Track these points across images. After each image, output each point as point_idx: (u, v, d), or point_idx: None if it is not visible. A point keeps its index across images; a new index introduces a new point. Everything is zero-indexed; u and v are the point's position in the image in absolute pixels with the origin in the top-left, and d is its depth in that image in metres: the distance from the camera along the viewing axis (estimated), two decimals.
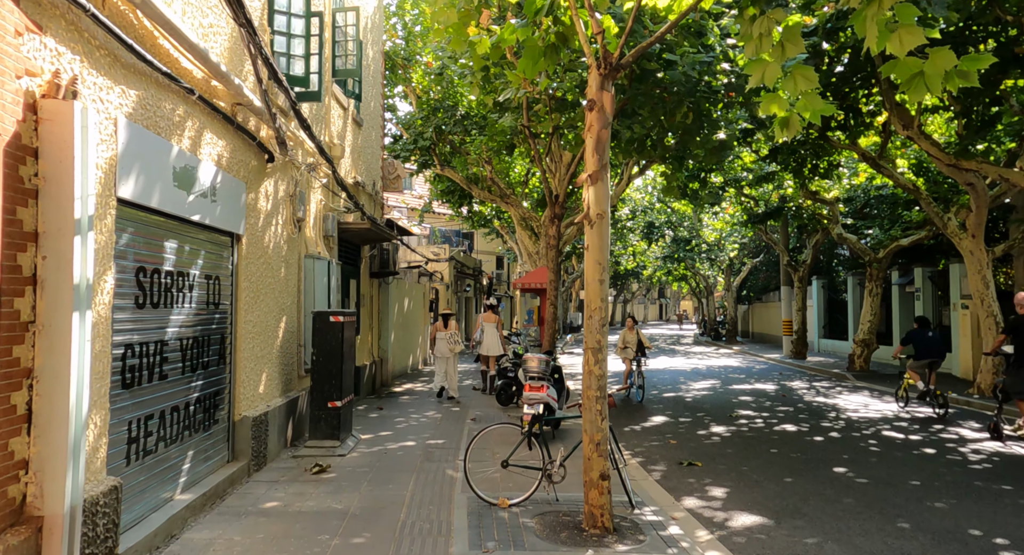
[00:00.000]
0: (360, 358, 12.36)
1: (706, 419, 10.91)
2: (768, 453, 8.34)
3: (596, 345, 5.20)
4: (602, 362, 5.22)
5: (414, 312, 18.02)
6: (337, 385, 7.82)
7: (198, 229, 5.64)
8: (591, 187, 5.22)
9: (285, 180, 8.09)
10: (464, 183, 18.13)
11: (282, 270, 7.95)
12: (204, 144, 5.64)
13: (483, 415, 10.62)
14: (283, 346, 8.01)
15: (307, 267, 8.82)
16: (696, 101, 9.18)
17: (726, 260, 33.50)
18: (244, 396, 6.63)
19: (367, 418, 10.22)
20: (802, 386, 15.62)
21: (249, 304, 6.81)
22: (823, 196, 19.23)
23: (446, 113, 16.84)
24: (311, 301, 8.82)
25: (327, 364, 7.82)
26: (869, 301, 18.47)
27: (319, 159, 8.95)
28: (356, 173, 11.92)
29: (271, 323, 7.54)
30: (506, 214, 25.12)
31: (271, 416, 7.21)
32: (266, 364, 7.35)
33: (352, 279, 11.98)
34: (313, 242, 9.30)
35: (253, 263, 6.93)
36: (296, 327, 8.57)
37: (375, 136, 13.72)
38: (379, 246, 13.38)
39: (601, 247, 5.22)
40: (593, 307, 5.21)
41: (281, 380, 7.90)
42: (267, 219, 7.39)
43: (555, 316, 10.09)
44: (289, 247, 8.23)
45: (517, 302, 45.39)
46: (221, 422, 6.23)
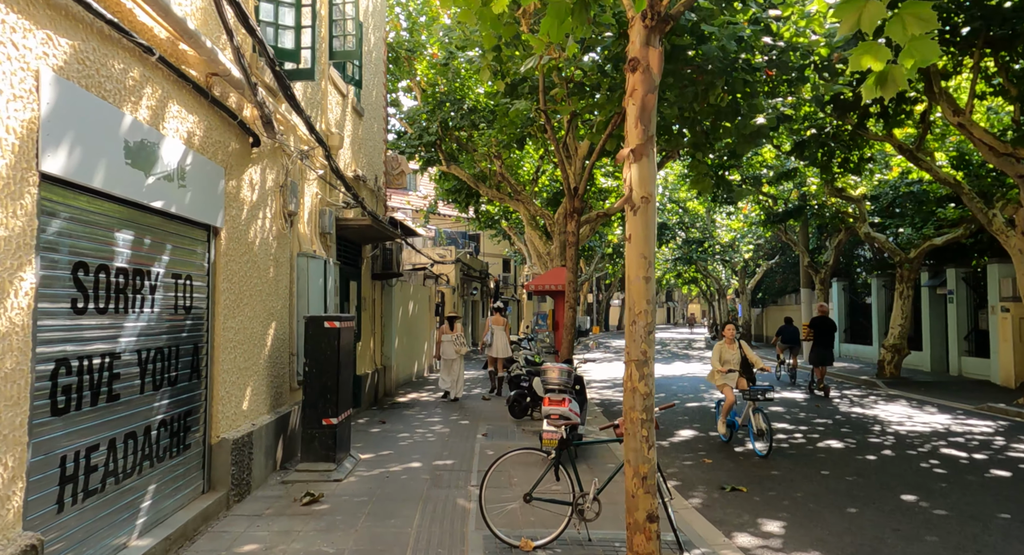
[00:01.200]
0: (361, 366, 11.45)
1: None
2: (819, 475, 7.38)
3: (641, 357, 4.26)
4: (648, 378, 4.28)
5: (419, 316, 17.11)
6: (333, 400, 6.90)
7: (162, 219, 4.74)
8: (634, 164, 4.29)
9: (274, 168, 7.19)
10: (471, 181, 17.24)
11: (271, 269, 7.05)
12: (169, 117, 4.74)
13: (495, 429, 9.69)
14: (272, 355, 7.10)
15: (300, 266, 7.92)
16: (732, 82, 8.26)
17: (740, 262, 32.49)
18: (223, 415, 5.72)
19: (368, 434, 9.30)
20: (833, 395, 14.62)
21: (230, 308, 5.91)
22: (849, 193, 18.24)
23: (453, 106, 15.96)
24: (305, 304, 7.91)
25: (321, 376, 6.91)
26: (900, 304, 17.47)
27: (314, 148, 8.05)
28: (356, 166, 11.03)
29: (257, 329, 6.63)
30: (514, 214, 24.22)
31: (256, 436, 6.29)
32: (251, 377, 6.44)
33: (352, 281, 11.08)
34: (307, 239, 8.40)
35: (235, 261, 6.02)
36: (288, 334, 7.67)
37: (377, 128, 12.83)
38: (382, 246, 12.49)
39: (647, 237, 4.29)
40: (637, 310, 4.27)
41: (269, 394, 6.99)
42: (252, 211, 6.49)
43: (574, 321, 9.14)
44: (279, 244, 7.33)
45: (524, 305, 44.48)
46: (194, 447, 5.32)
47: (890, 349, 17.44)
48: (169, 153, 4.67)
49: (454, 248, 27.59)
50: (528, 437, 9.11)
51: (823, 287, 22.38)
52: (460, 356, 12.84)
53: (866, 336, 23.99)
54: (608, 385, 16.01)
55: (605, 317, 59.41)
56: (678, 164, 24.11)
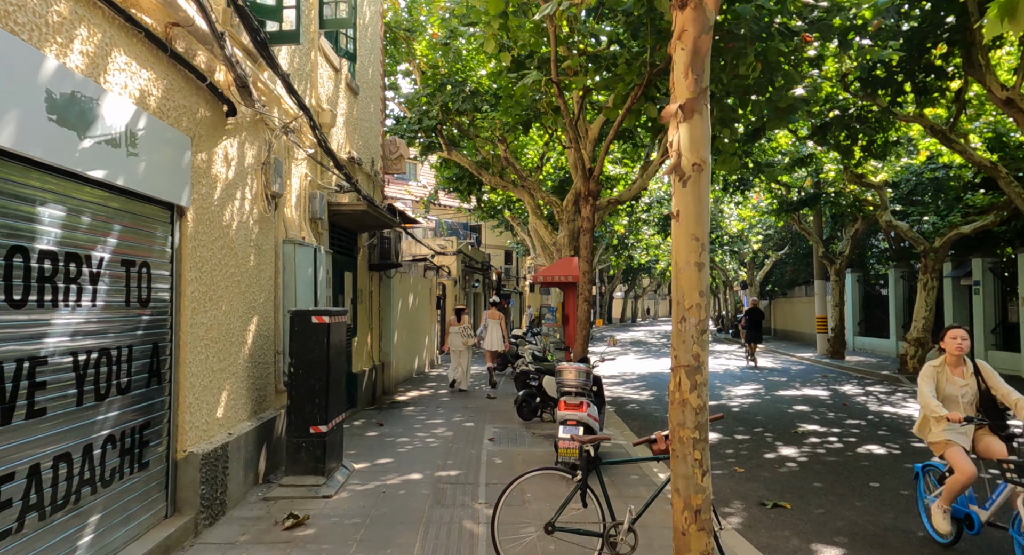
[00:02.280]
0: (357, 364, 10.65)
1: (767, 436, 9.15)
2: (869, 488, 6.58)
3: (693, 362, 3.46)
4: (702, 388, 3.48)
5: (420, 309, 16.31)
6: (322, 404, 6.10)
7: (106, 192, 3.92)
8: (684, 124, 3.47)
9: (255, 143, 6.36)
10: (473, 168, 16.39)
11: (251, 257, 6.23)
12: (113, 70, 3.91)
13: (502, 432, 8.90)
14: (253, 354, 6.29)
15: (286, 254, 7.10)
16: (765, 51, 7.41)
17: (749, 253, 31.66)
18: (191, 425, 4.92)
19: (364, 438, 8.50)
20: (856, 391, 13.84)
21: (200, 301, 5.10)
22: (870, 180, 17.39)
23: (454, 89, 15.11)
24: (292, 297, 7.10)
25: (309, 377, 6.10)
26: (924, 296, 16.65)
27: (299, 117, 7.22)
28: (351, 148, 10.20)
29: (235, 325, 5.82)
30: (518, 203, 23.38)
31: (233, 448, 5.50)
32: (227, 379, 5.64)
33: (347, 272, 10.26)
34: (295, 224, 7.58)
35: (205, 246, 5.21)
36: (272, 330, 6.86)
37: (374, 109, 11.99)
38: (379, 234, 11.66)
39: (699, 214, 3.48)
40: (688, 304, 3.46)
41: (250, 398, 6.19)
42: (228, 190, 5.67)
43: (589, 314, 8.33)
44: (261, 229, 6.51)
45: (527, 298, 43.67)
46: (154, 464, 4.52)
47: (913, 343, 16.64)
48: (114, 113, 3.84)
49: (455, 239, 26.74)
50: (539, 441, 8.32)
51: (838, 278, 21.55)
52: (467, 348, 13.19)
53: (882, 329, 23.19)
54: (617, 381, 15.21)
55: (608, 310, 58.62)
56: None
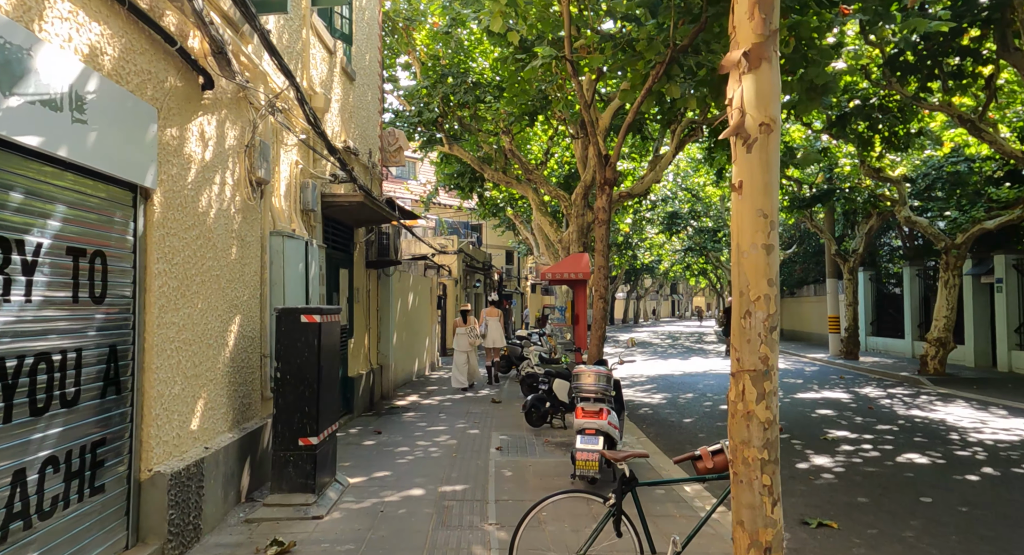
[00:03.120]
0: (354, 367, 10.00)
1: (795, 443, 8.50)
2: (921, 505, 5.93)
3: (760, 365, 2.81)
4: (771, 398, 2.83)
5: (420, 309, 15.66)
6: (312, 413, 5.45)
7: (43, 165, 3.27)
8: (749, 75, 2.83)
9: (237, 123, 5.72)
10: (475, 163, 15.76)
11: (233, 249, 5.58)
12: (52, 17, 3.27)
13: (510, 440, 8.25)
14: (236, 358, 5.65)
15: (274, 247, 6.45)
16: (799, 27, 6.76)
17: None
18: (159, 440, 4.27)
19: (360, 448, 7.85)
20: (878, 394, 13.18)
21: (171, 297, 4.45)
22: (887, 174, 16.74)
23: (455, 80, 14.48)
24: (280, 294, 6.45)
25: (297, 383, 5.45)
26: (945, 294, 15.98)
27: (292, 106, 6.58)
28: (347, 137, 9.55)
29: (213, 325, 5.18)
30: (521, 200, 22.74)
31: (211, 464, 4.85)
32: (204, 386, 4.99)
33: (342, 268, 9.62)
34: (284, 215, 6.93)
35: (177, 235, 4.56)
36: (258, 330, 6.21)
37: (372, 97, 11.35)
38: (377, 229, 11.02)
39: (766, 185, 2.84)
40: (754, 294, 2.82)
41: (232, 407, 5.54)
42: (204, 173, 5.02)
43: (606, 314, 7.68)
44: (245, 219, 5.86)
45: (528, 299, 43.00)
46: (112, 488, 3.87)
47: (934, 343, 15.97)
48: (53, 69, 3.20)
49: (456, 238, 26.11)
50: (551, 450, 7.67)
51: (851, 277, 20.90)
52: (474, 348, 13.42)
53: (896, 329, 22.52)
54: (626, 384, 14.54)
55: (611, 310, 57.96)
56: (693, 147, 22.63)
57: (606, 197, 7.48)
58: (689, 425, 9.94)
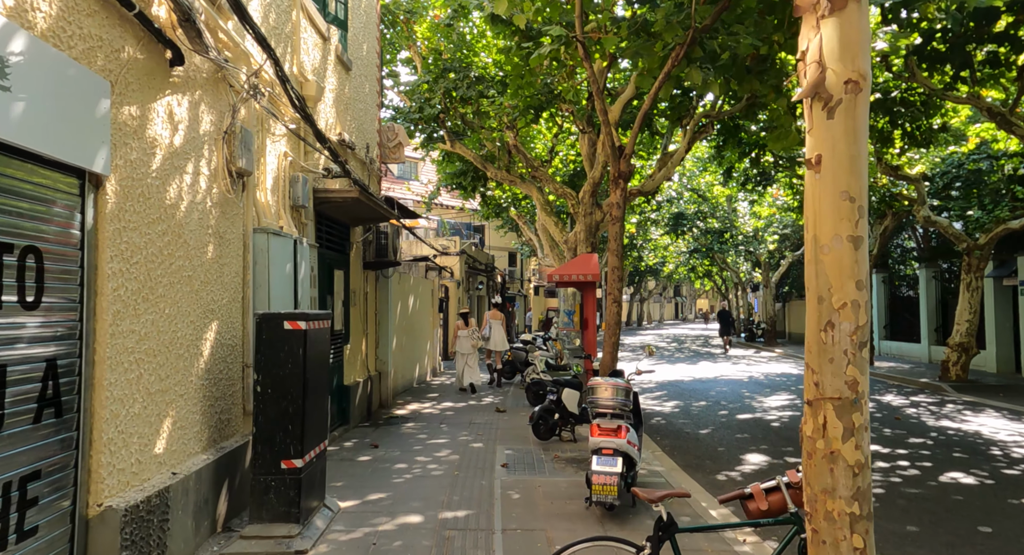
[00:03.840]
0: (350, 374, 9.40)
1: None
2: (981, 535, 5.30)
3: (847, 392, 2.22)
4: (861, 434, 2.22)
5: (421, 313, 15.05)
6: (296, 432, 4.85)
7: None
8: (831, 18, 2.22)
9: (215, 108, 5.12)
10: (478, 161, 15.18)
11: (209, 248, 4.99)
12: None
13: (516, 456, 7.63)
14: (212, 369, 5.04)
15: (258, 246, 5.85)
16: None
17: (765, 253, 30.35)
18: (113, 468, 3.67)
19: (354, 465, 7.24)
20: (901, 402, 12.55)
21: (129, 302, 3.85)
22: (906, 172, 16.11)
23: (458, 75, 13.91)
24: (264, 297, 5.85)
25: (280, 398, 4.85)
26: (967, 297, 15.34)
27: (277, 89, 5.99)
28: (342, 129, 8.96)
29: (184, 334, 4.58)
30: (524, 200, 22.15)
31: (178, 492, 4.24)
32: (172, 403, 4.39)
33: (337, 269, 9.02)
34: (270, 211, 6.33)
35: (138, 230, 3.96)
36: (239, 338, 5.61)
37: (369, 89, 10.76)
38: (375, 228, 10.42)
39: (853, 159, 2.23)
40: (838, 301, 2.23)
41: (207, 424, 4.93)
42: (174, 160, 4.43)
43: (619, 318, 7.07)
44: (224, 214, 5.27)
45: (531, 301, 42.37)
46: (48, 531, 3.27)
47: (956, 348, 15.32)
48: None
49: (458, 239, 25.53)
50: (561, 468, 7.06)
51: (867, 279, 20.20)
52: (475, 350, 13.51)
53: (911, 333, 21.86)
54: (635, 390, 13.90)
55: None
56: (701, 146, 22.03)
57: (620, 192, 6.87)
58: (706, 437, 9.31)
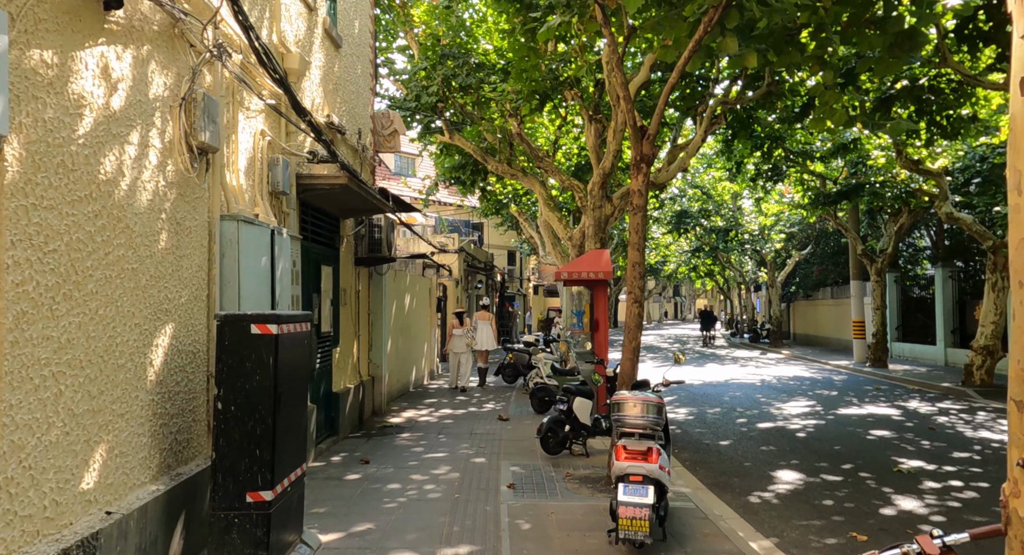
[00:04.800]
0: (339, 381, 8.58)
1: (865, 477, 7.08)
2: None
3: None
4: None
5: (417, 313, 14.23)
6: (266, 458, 4.02)
7: None
8: None
9: (170, 68, 4.29)
10: (478, 154, 14.36)
11: (162, 236, 4.16)
12: None
13: (524, 474, 6.82)
14: (165, 381, 4.22)
15: (226, 235, 5.02)
16: None
17: (771, 252, 29.57)
18: (14, 516, 2.84)
19: (341, 485, 6.41)
20: (929, 410, 11.76)
21: (40, 302, 3.03)
22: (927, 166, 15.34)
23: (456, 61, 13.10)
24: (233, 296, 5.02)
25: (246, 417, 4.03)
26: (992, 298, 14.58)
27: (256, 64, 5.16)
28: (331, 111, 8.14)
29: (128, 339, 3.75)
30: (525, 196, 21.34)
31: (112, 536, 3.41)
32: (107, 425, 3.56)
33: (326, 265, 8.19)
34: (243, 196, 5.50)
35: (55, 210, 3.14)
36: (203, 343, 4.78)
37: (361, 71, 9.93)
38: (368, 221, 9.59)
39: None
40: None
41: (158, 447, 4.10)
42: (109, 125, 3.60)
43: (641, 319, 6.25)
44: (181, 195, 4.44)
45: (531, 300, 41.55)
46: None
47: (980, 351, 14.55)
48: None
49: (457, 236, 24.71)
50: (575, 489, 6.24)
51: (879, 278, 19.46)
52: (469, 350, 13.60)
53: (925, 335, 21.10)
54: None
55: (614, 313, 56.50)
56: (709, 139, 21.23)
57: (643, 177, 6.05)
58: (729, 450, 8.51)
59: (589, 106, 12.40)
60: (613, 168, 10.54)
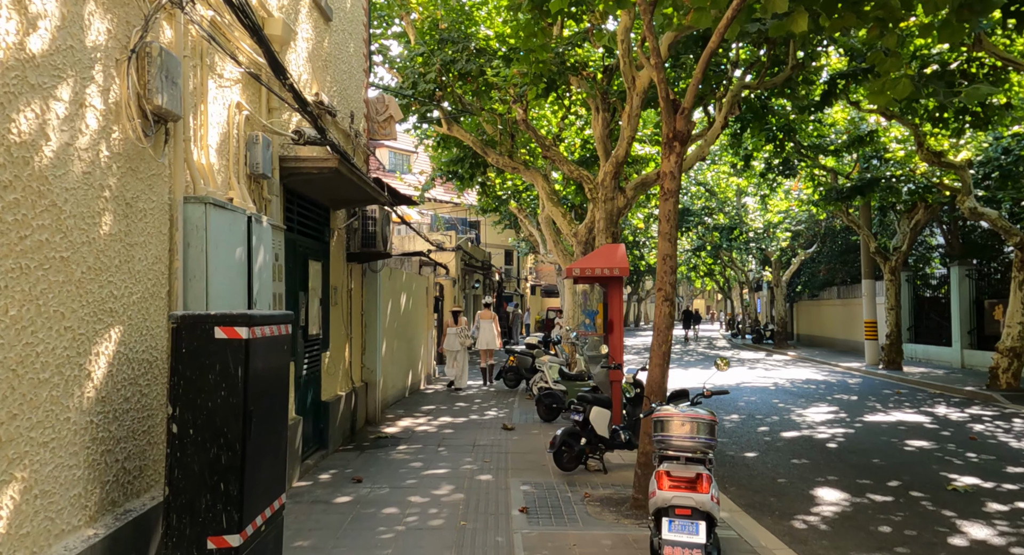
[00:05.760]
0: (329, 388, 7.79)
1: (918, 497, 6.32)
2: None
3: None
4: None
5: (414, 313, 13.44)
6: (231, 491, 3.23)
7: None
8: None
9: (113, 13, 3.50)
10: (478, 146, 13.60)
11: (105, 218, 3.37)
12: None
13: (536, 494, 6.04)
14: (109, 398, 3.42)
15: (192, 221, 4.22)
16: None
17: (776, 251, 28.85)
18: None
19: (329, 510, 5.61)
20: (960, 416, 11.02)
21: None
22: (949, 159, 14.63)
23: (456, 46, 12.33)
24: (200, 293, 4.21)
25: (207, 442, 3.24)
26: (1019, 297, 13.83)
27: (232, 24, 4.36)
28: (320, 89, 7.34)
29: (54, 347, 2.96)
30: (525, 193, 20.55)
31: None
32: (20, 460, 2.77)
33: (314, 261, 7.40)
34: (213, 177, 4.70)
35: None
36: (163, 350, 3.99)
37: (354, 50, 9.13)
38: (362, 213, 8.79)
39: None
40: None
41: (97, 482, 3.31)
42: (23, 71, 2.80)
43: (672, 320, 5.49)
44: (132, 170, 3.64)
45: (528, 300, 40.78)
46: None
47: (1007, 353, 13.81)
48: None
49: (454, 234, 23.92)
50: (596, 513, 5.46)
51: (893, 277, 18.73)
52: (464, 348, 13.65)
53: (939, 336, 20.40)
54: None
55: None
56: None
57: (676, 157, 5.28)
58: (757, 464, 7.75)
59: (596, 95, 11.66)
60: (627, 156, 9.77)
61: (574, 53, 11.01)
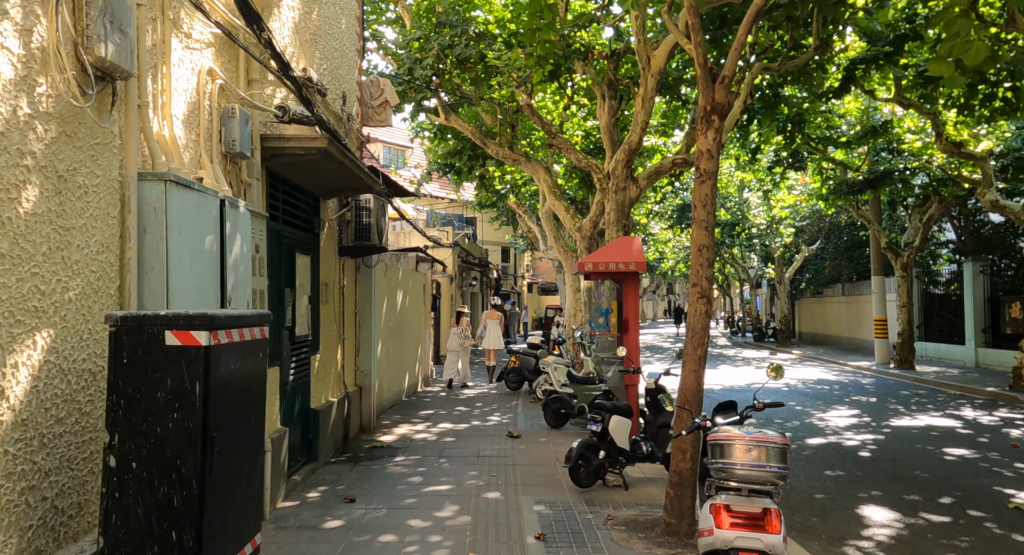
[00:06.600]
0: (320, 395, 7.07)
1: (979, 517, 5.66)
2: None
3: None
4: None
5: (412, 311, 12.72)
6: (186, 544, 2.52)
7: None
8: None
9: None
10: (477, 137, 12.90)
11: (27, 194, 2.64)
12: None
13: (552, 516, 5.34)
14: (32, 421, 2.69)
15: (147, 202, 3.49)
16: None
17: (780, 247, 28.21)
18: None
19: (317, 538, 4.89)
20: (988, 420, 10.39)
21: None
22: (969, 149, 14.00)
23: (454, 30, 11.61)
24: (160, 289, 3.49)
25: (155, 479, 2.52)
26: None
27: None
28: (308, 65, 6.61)
29: None
30: (524, 188, 19.85)
31: None
32: None
33: (303, 254, 6.67)
34: (178, 152, 3.97)
35: None
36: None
37: (346, 26, 8.40)
38: (355, 203, 8.07)
39: None
40: None
41: (15, 527, 2.59)
42: None
43: (708, 320, 4.80)
44: (65, 136, 2.92)
45: (525, 299, 40.08)
46: None
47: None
48: None
49: (451, 229, 23.20)
50: (624, 542, 4.76)
51: (905, 273, 18.11)
52: (465, 349, 13.48)
53: (951, 333, 19.80)
54: None
55: None
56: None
57: (715, 133, 4.60)
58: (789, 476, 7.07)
59: (602, 81, 10.97)
60: (640, 142, 9.07)
61: (579, 36, 10.31)
